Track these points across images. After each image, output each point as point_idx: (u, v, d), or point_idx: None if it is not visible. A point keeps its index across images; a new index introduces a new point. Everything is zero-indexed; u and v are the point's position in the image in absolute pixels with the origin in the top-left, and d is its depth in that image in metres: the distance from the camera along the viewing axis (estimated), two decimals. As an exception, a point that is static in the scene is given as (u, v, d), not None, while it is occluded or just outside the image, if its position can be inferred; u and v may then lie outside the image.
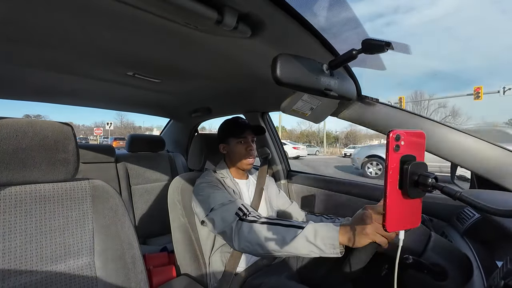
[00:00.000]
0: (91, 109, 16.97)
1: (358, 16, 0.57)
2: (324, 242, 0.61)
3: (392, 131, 0.34)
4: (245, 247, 0.71)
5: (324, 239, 0.61)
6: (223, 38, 0.59)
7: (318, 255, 0.62)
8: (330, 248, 0.60)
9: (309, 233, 0.63)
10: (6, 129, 0.52)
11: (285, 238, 0.65)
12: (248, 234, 0.71)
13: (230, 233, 0.74)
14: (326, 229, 0.62)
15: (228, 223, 0.75)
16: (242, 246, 0.72)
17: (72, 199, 0.61)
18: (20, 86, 1.09)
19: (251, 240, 0.70)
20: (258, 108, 1.39)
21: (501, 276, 0.37)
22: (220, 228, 0.77)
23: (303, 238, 0.63)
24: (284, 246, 0.65)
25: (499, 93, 15.04)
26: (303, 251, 0.63)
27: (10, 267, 0.50)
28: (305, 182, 1.42)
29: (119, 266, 0.62)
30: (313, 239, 0.62)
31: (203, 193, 0.86)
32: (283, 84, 0.48)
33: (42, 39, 0.65)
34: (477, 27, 64.73)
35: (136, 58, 0.79)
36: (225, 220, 0.77)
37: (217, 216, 0.78)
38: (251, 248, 0.71)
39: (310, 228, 0.64)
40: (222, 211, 0.79)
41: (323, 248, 0.61)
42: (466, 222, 0.74)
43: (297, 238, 0.64)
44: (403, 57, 6.04)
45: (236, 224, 0.74)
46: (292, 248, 0.64)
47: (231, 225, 0.75)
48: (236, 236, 0.73)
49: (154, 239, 1.58)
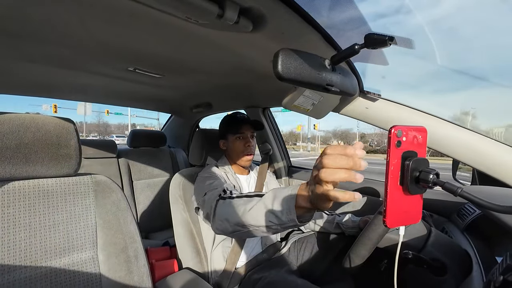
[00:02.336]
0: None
1: (361, 12, 0.56)
2: (281, 205, 0.49)
3: (394, 126, 0.34)
4: (218, 225, 0.67)
5: (282, 202, 0.49)
6: (224, 32, 0.58)
7: (278, 227, 0.51)
8: (288, 216, 0.47)
9: (268, 198, 0.53)
10: (8, 124, 0.52)
11: (246, 207, 0.58)
12: (220, 210, 0.67)
13: (210, 214, 0.71)
14: (286, 190, 0.50)
15: (210, 204, 0.73)
16: (216, 225, 0.68)
17: (75, 194, 0.62)
18: (20, 81, 1.09)
19: (221, 216, 0.66)
20: (259, 104, 1.39)
21: (500, 271, 0.37)
22: (205, 211, 0.76)
23: (262, 204, 0.54)
24: (245, 216, 0.57)
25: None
26: (261, 221, 0.53)
27: (15, 260, 0.51)
28: (307, 178, 1.43)
29: (122, 260, 0.63)
30: (270, 204, 0.52)
31: (202, 183, 0.87)
32: (284, 79, 0.47)
33: (41, 33, 0.65)
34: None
35: (136, 53, 0.78)
36: (209, 202, 0.75)
37: (206, 199, 0.78)
38: (222, 226, 0.65)
39: (269, 193, 0.54)
40: (209, 195, 0.77)
41: (281, 215, 0.49)
42: (466, 218, 0.74)
43: (257, 205, 0.55)
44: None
45: (215, 203, 0.71)
46: (251, 218, 0.56)
47: (211, 205, 0.72)
48: (212, 216, 0.70)
49: (156, 234, 1.60)
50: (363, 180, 0.36)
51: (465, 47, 67.41)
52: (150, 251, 1.06)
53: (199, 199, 0.82)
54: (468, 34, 70.08)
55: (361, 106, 0.77)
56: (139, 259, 0.66)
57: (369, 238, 0.61)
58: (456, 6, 65.17)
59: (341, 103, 0.80)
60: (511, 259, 0.37)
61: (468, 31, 71.52)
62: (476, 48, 62.78)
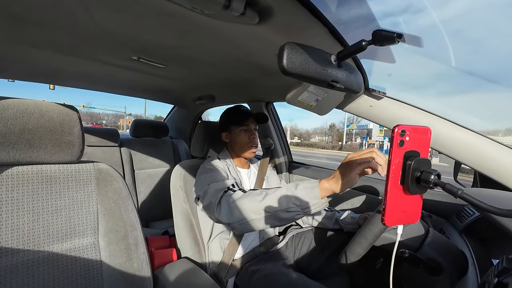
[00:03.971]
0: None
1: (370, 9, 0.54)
2: (305, 190, 0.59)
3: (398, 126, 0.34)
4: (225, 214, 0.70)
5: (304, 188, 0.60)
6: (229, 24, 0.58)
7: (299, 209, 0.60)
8: (309, 194, 0.58)
9: (290, 186, 0.63)
10: (12, 109, 0.52)
11: (267, 193, 0.64)
12: (231, 201, 0.70)
13: (214, 203, 0.74)
14: (307, 181, 0.62)
15: (216, 195, 0.75)
16: (223, 214, 0.71)
17: (77, 180, 0.62)
18: (24, 67, 1.09)
19: (230, 205, 0.69)
20: (263, 98, 1.38)
21: (495, 273, 0.38)
22: (207, 200, 0.77)
23: (284, 190, 0.62)
24: (264, 201, 0.63)
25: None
26: (283, 205, 0.61)
27: (18, 243, 0.53)
28: (307, 174, 1.43)
29: (122, 247, 0.64)
30: (293, 190, 0.61)
31: (205, 173, 0.87)
32: (289, 74, 0.47)
33: (46, 19, 0.64)
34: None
35: (141, 42, 0.78)
36: (213, 193, 0.77)
37: (210, 189, 0.79)
38: (230, 216, 0.69)
39: (291, 183, 0.64)
40: (215, 185, 0.79)
41: (303, 196, 0.59)
42: (465, 220, 0.74)
43: (278, 191, 0.63)
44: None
45: (222, 194, 0.74)
46: (272, 202, 0.62)
47: (217, 195, 0.74)
48: (219, 205, 0.72)
49: (156, 223, 1.62)
50: (363, 178, 0.36)
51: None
52: (150, 239, 1.08)
53: (201, 189, 0.83)
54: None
55: (366, 104, 0.76)
56: (139, 247, 0.67)
57: (366, 237, 0.61)
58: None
59: (346, 100, 0.79)
60: (507, 261, 0.38)
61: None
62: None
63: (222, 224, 0.76)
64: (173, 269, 0.82)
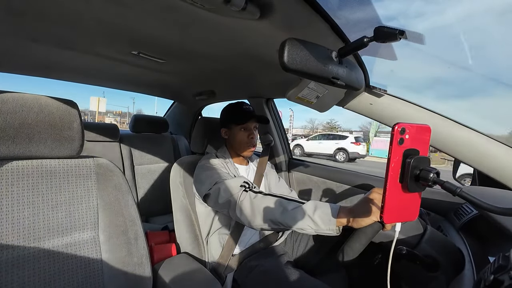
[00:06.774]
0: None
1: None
2: (321, 218, 0.61)
3: (398, 124, 0.34)
4: (246, 216, 0.72)
5: (322, 215, 0.62)
6: (230, 18, 0.57)
7: (313, 231, 0.63)
8: (326, 223, 0.60)
9: (309, 208, 0.64)
10: (12, 103, 0.52)
11: (286, 208, 0.66)
12: (251, 203, 0.72)
13: (234, 202, 0.74)
14: (326, 206, 0.63)
15: (233, 193, 0.76)
16: (244, 215, 0.72)
17: (77, 175, 0.63)
18: (24, 60, 1.08)
19: (254, 209, 0.71)
20: (263, 94, 1.37)
21: (491, 271, 0.38)
22: (224, 198, 0.77)
23: (302, 211, 0.64)
24: (283, 216, 0.66)
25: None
26: (300, 224, 0.64)
27: (19, 237, 0.53)
28: (307, 171, 1.43)
29: (122, 241, 0.65)
30: (311, 213, 0.63)
31: (206, 171, 0.87)
32: (289, 70, 0.47)
33: (46, 12, 0.63)
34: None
35: (141, 36, 0.77)
36: (229, 191, 0.77)
37: (222, 187, 0.79)
38: (251, 218, 0.71)
39: (310, 203, 0.66)
40: (227, 183, 0.79)
41: (319, 223, 0.61)
42: (463, 217, 0.75)
43: (297, 210, 0.65)
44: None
45: (241, 193, 0.75)
46: (289, 219, 0.65)
47: (237, 193, 0.75)
48: (240, 206, 0.73)
49: (156, 218, 1.63)
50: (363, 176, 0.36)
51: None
52: (150, 234, 1.08)
53: (209, 187, 0.82)
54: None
55: (366, 101, 0.76)
56: (139, 241, 0.67)
57: (364, 233, 0.61)
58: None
59: (346, 97, 0.79)
60: (503, 259, 0.38)
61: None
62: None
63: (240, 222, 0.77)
64: (173, 264, 0.83)
